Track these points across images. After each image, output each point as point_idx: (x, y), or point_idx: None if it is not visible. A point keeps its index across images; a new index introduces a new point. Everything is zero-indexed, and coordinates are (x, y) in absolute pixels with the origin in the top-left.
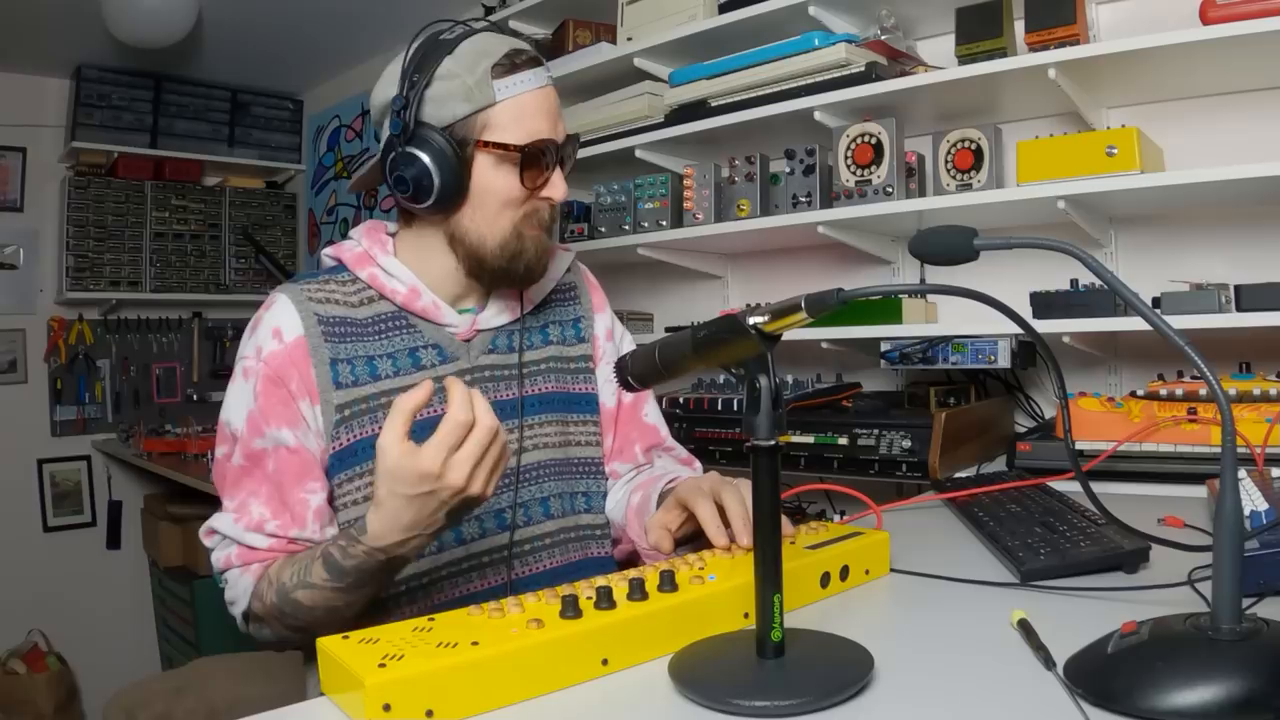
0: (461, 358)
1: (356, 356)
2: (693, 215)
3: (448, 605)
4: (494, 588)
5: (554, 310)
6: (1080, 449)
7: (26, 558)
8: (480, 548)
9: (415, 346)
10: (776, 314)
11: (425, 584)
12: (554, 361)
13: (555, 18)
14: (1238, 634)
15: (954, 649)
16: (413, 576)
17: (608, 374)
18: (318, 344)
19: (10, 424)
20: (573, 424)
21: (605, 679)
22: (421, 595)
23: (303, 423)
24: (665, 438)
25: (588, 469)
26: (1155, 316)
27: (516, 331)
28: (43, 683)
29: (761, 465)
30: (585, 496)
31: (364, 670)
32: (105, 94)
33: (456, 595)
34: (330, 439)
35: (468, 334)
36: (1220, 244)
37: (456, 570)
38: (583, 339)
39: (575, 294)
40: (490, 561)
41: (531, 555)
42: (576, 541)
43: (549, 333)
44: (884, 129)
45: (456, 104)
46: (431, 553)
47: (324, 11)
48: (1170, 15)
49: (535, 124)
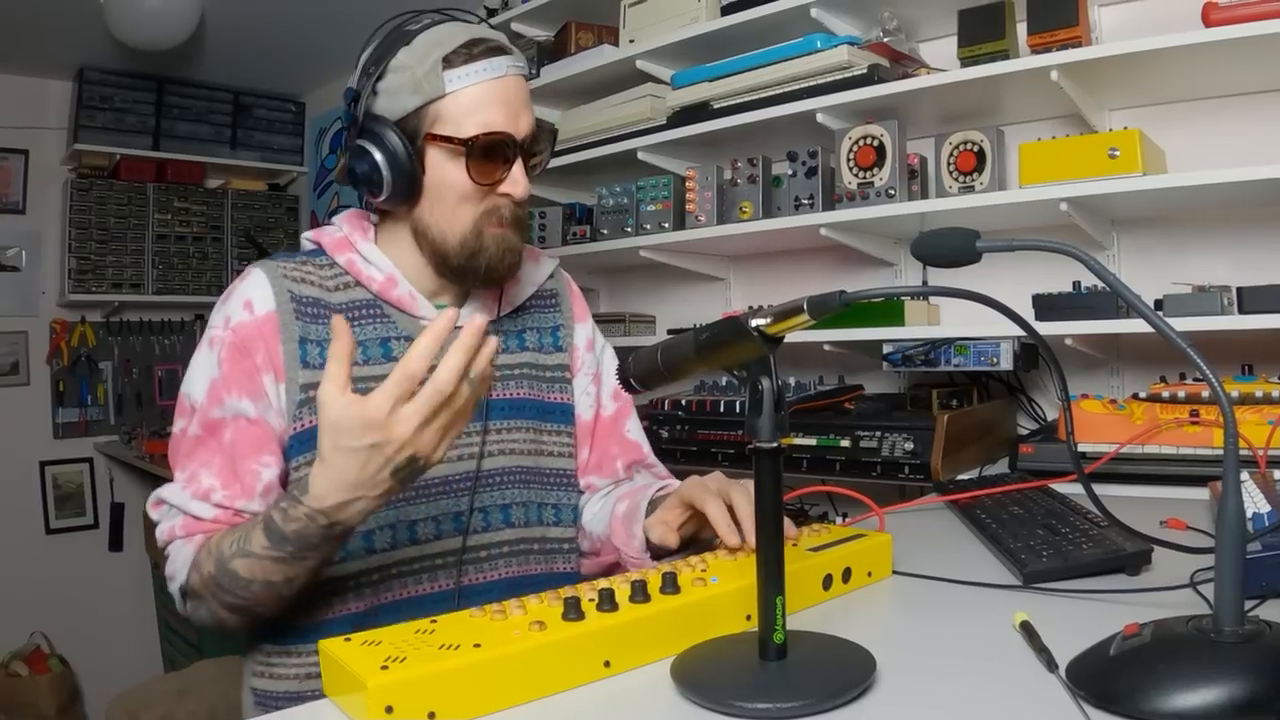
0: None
1: (327, 339)
2: (695, 217)
3: (395, 605)
4: (442, 592)
5: (533, 316)
6: (1082, 451)
7: (29, 560)
8: (433, 549)
9: (388, 337)
10: (779, 316)
11: (375, 580)
12: (529, 368)
13: (557, 20)
14: (1240, 636)
15: (956, 651)
16: (363, 572)
17: (585, 385)
18: (289, 320)
19: (12, 426)
20: (546, 433)
21: (607, 681)
22: (369, 592)
23: (265, 397)
24: (647, 454)
25: (558, 480)
26: (1157, 318)
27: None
28: (45, 685)
29: (764, 467)
30: (554, 509)
31: (366, 672)
32: (107, 96)
33: (404, 596)
34: (292, 419)
35: None
36: (1222, 246)
37: (408, 570)
38: (560, 348)
39: (556, 302)
40: (442, 565)
41: (487, 563)
42: (539, 554)
43: (526, 339)
44: (886, 131)
45: (406, 96)
46: (384, 548)
47: (326, 14)
48: (1173, 17)
49: (487, 116)
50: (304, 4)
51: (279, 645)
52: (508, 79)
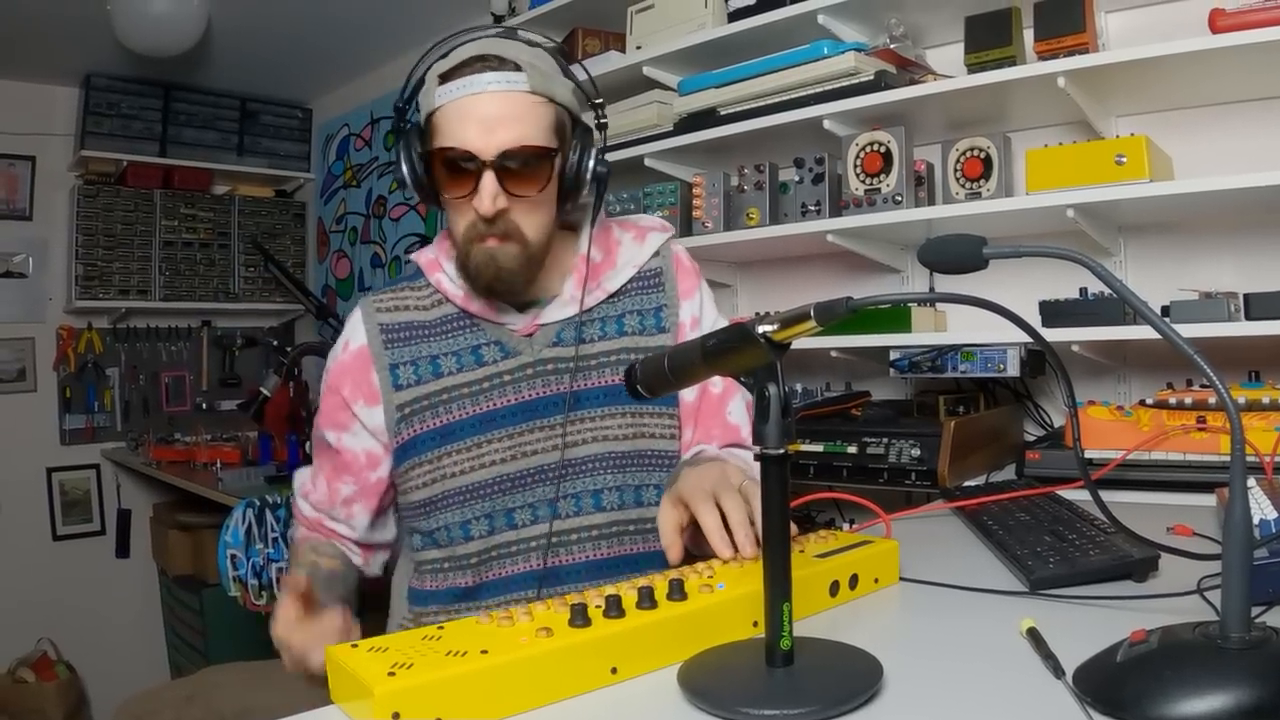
0: (524, 352)
1: (420, 357)
2: (702, 224)
3: (494, 583)
4: (530, 572)
5: (633, 299)
6: (1089, 458)
7: (35, 566)
8: (527, 534)
9: (478, 344)
10: (785, 322)
11: (474, 563)
12: (628, 352)
13: (564, 26)
14: (1247, 643)
15: (963, 658)
16: (465, 556)
17: None
18: (379, 351)
19: (19, 432)
20: (648, 416)
21: (614, 687)
22: (472, 573)
23: (353, 424)
24: (746, 439)
25: (661, 461)
26: (1164, 325)
27: (589, 320)
28: (52, 691)
29: (771, 474)
30: (656, 489)
31: (373, 678)
32: (114, 102)
33: (502, 575)
34: (393, 435)
35: (529, 329)
36: (1229, 252)
37: (505, 553)
38: (664, 329)
39: (660, 280)
40: (536, 547)
41: (575, 545)
42: (636, 534)
43: (624, 322)
44: (893, 137)
45: (423, 109)
46: (481, 535)
47: (333, 20)
48: (1180, 24)
49: (457, 130)
50: (311, 10)
51: (417, 607)
52: (485, 95)
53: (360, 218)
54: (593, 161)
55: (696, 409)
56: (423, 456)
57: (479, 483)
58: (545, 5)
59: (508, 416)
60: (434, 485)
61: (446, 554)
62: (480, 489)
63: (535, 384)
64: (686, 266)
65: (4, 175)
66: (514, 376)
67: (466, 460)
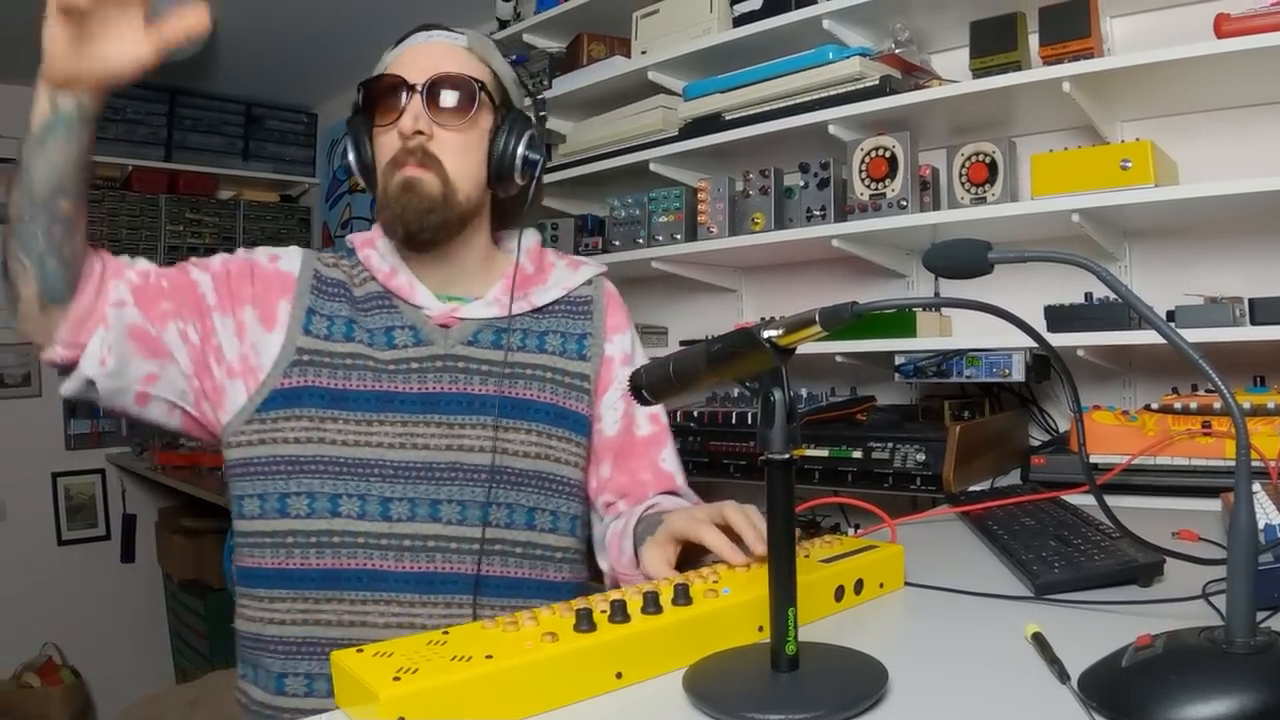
0: (437, 343)
1: (338, 315)
2: (707, 229)
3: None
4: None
5: (558, 320)
6: (1094, 462)
7: (40, 571)
8: (402, 529)
9: (392, 325)
10: (791, 327)
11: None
12: (545, 371)
13: (569, 31)
14: (1252, 647)
15: (968, 662)
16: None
17: (614, 401)
18: (303, 290)
19: (25, 437)
20: (554, 439)
21: (619, 692)
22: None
23: (230, 318)
24: (681, 486)
25: (562, 488)
26: (1169, 330)
27: (506, 331)
28: (57, 696)
29: (776, 479)
30: (551, 515)
31: (378, 683)
32: (119, 107)
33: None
34: (281, 374)
35: (445, 319)
36: (1234, 257)
37: (374, 543)
38: (585, 357)
39: (589, 309)
40: (409, 547)
41: (455, 554)
42: (523, 558)
43: (546, 340)
44: (898, 142)
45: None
46: (352, 515)
47: (338, 25)
48: (1185, 29)
49: (394, 69)
50: (316, 16)
51: (246, 588)
52: (426, 45)
53: (365, 222)
54: (525, 141)
55: (618, 446)
56: (306, 410)
57: (362, 460)
58: (550, 10)
59: (405, 403)
60: (309, 445)
61: (299, 527)
62: (360, 466)
63: (442, 378)
64: (618, 303)
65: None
66: (421, 365)
67: (353, 433)
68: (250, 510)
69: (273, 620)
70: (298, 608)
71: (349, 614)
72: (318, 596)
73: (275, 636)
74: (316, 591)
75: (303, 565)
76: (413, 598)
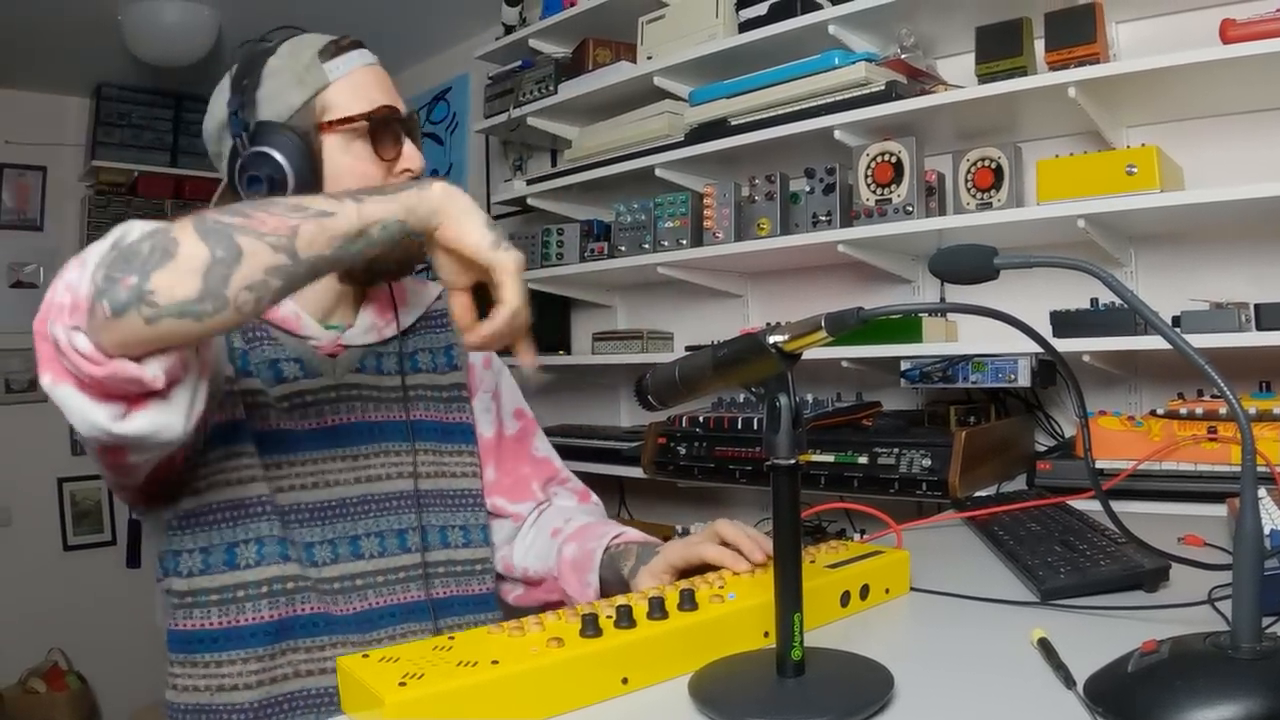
0: (326, 374)
1: (234, 346)
2: (713, 234)
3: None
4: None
5: (423, 337)
6: (1100, 468)
7: (46, 576)
8: (330, 572)
9: (277, 359)
10: (796, 333)
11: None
12: (425, 389)
13: (575, 37)
14: (1258, 653)
15: (974, 668)
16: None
17: (486, 403)
18: None
19: (31, 443)
20: (447, 455)
21: (625, 698)
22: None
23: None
24: (559, 469)
25: (465, 501)
26: (1175, 335)
27: (387, 354)
28: (63, 702)
29: (781, 484)
30: (463, 530)
31: (384, 689)
32: (125, 112)
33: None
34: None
35: (331, 349)
36: (1240, 263)
37: (302, 586)
38: (455, 366)
39: (447, 321)
40: (340, 589)
41: (385, 587)
42: (446, 576)
43: (419, 359)
44: (904, 148)
45: (291, 93)
46: (278, 560)
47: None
48: (1190, 34)
49: (375, 95)
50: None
51: (185, 655)
52: (379, 67)
53: None
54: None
55: (495, 446)
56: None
57: (280, 505)
58: (556, 16)
59: (307, 440)
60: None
61: (229, 581)
62: (286, 512)
63: (339, 409)
64: None
65: (15, 185)
66: (316, 398)
67: (267, 479)
68: (193, 567)
69: (221, 688)
70: (249, 669)
71: (305, 663)
72: (270, 652)
73: (225, 705)
74: (269, 647)
75: (254, 620)
76: (360, 637)
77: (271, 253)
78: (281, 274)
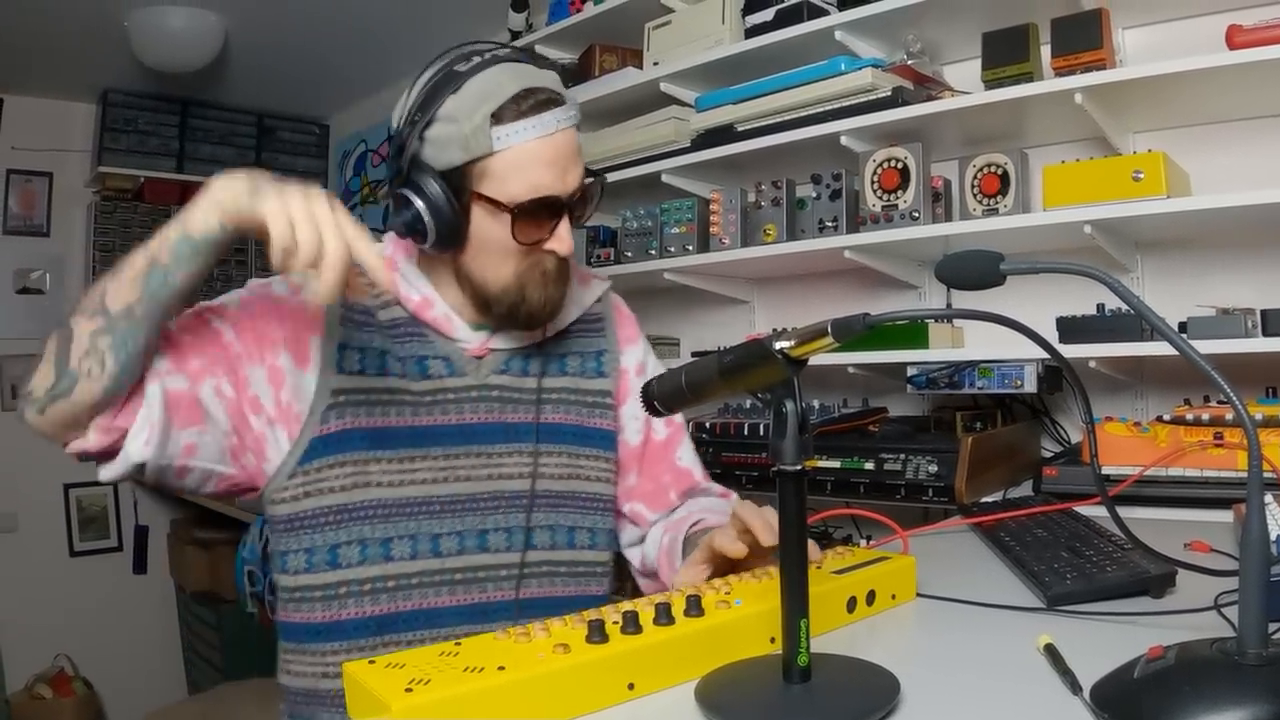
0: (470, 374)
1: (369, 347)
2: (719, 240)
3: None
4: (458, 607)
5: (576, 341)
6: (1106, 474)
7: (53, 582)
8: (452, 564)
9: (425, 355)
10: (803, 339)
11: (390, 587)
12: (568, 393)
13: (581, 42)
14: (1264, 659)
15: (980, 673)
16: (380, 578)
17: (635, 411)
18: (333, 322)
19: (37, 449)
20: (583, 458)
21: (631, 703)
22: (385, 598)
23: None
24: (699, 480)
25: (594, 504)
26: (1181, 341)
27: (533, 356)
28: (69, 708)
29: (788, 490)
30: (589, 532)
31: (391, 695)
32: (131, 118)
33: (421, 606)
34: (319, 421)
35: (479, 351)
36: (1247, 269)
37: (428, 580)
38: (604, 373)
39: (602, 326)
40: (460, 580)
41: (506, 581)
42: (567, 576)
43: (567, 363)
44: (910, 153)
45: (453, 150)
46: (402, 558)
47: (350, 36)
48: (1197, 40)
49: (536, 176)
50: (328, 27)
51: (295, 644)
52: (558, 135)
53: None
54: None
55: (640, 454)
56: (347, 455)
57: (407, 499)
58: (562, 22)
59: (445, 436)
60: (355, 491)
61: (353, 576)
62: (408, 506)
63: (478, 408)
64: (626, 315)
65: (22, 191)
66: (457, 396)
67: (396, 473)
68: (297, 565)
69: (326, 674)
70: (352, 659)
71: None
72: (372, 643)
73: (331, 690)
74: (370, 638)
75: (356, 615)
76: (466, 629)
77: (89, 319)
78: (105, 333)
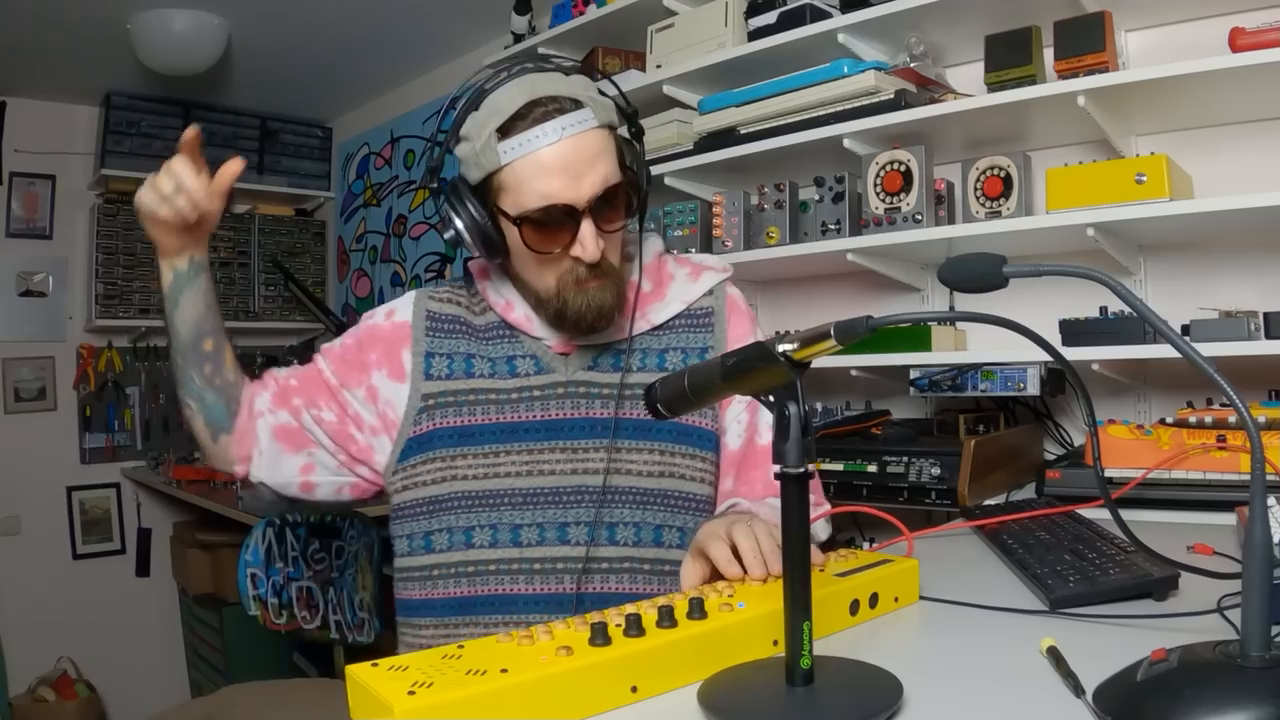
0: (558, 370)
1: (456, 353)
2: (722, 242)
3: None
4: (535, 595)
5: (678, 335)
6: (1109, 476)
7: (55, 585)
8: (532, 554)
9: (514, 355)
10: (805, 341)
11: (471, 573)
12: None
13: (584, 45)
14: (1267, 661)
15: (983, 676)
16: (463, 564)
17: (739, 413)
18: (419, 335)
19: (40, 451)
20: (680, 456)
21: (634, 706)
22: (467, 581)
23: (362, 388)
24: None
25: (688, 504)
26: (1184, 344)
27: (624, 352)
28: (72, 710)
29: (790, 493)
30: (679, 531)
31: (393, 697)
32: (135, 121)
33: (500, 591)
34: (412, 423)
35: (565, 348)
36: (1250, 271)
37: (505, 569)
38: None
39: (710, 320)
40: (539, 570)
41: (583, 575)
42: (650, 574)
43: (666, 358)
44: (913, 156)
45: (470, 169)
46: (486, 545)
47: (353, 40)
48: (1200, 43)
49: (544, 185)
50: (331, 30)
51: (403, 618)
52: (564, 142)
53: (380, 236)
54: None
55: (741, 457)
56: (438, 452)
57: (491, 491)
58: (565, 24)
59: (530, 431)
60: (444, 484)
61: (442, 560)
62: (491, 498)
63: (564, 404)
64: (741, 310)
65: (25, 194)
66: (543, 393)
67: (482, 466)
68: (402, 549)
69: (421, 646)
70: (440, 633)
71: (482, 636)
72: (456, 621)
73: None
74: (454, 617)
75: (444, 595)
76: (540, 618)
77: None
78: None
